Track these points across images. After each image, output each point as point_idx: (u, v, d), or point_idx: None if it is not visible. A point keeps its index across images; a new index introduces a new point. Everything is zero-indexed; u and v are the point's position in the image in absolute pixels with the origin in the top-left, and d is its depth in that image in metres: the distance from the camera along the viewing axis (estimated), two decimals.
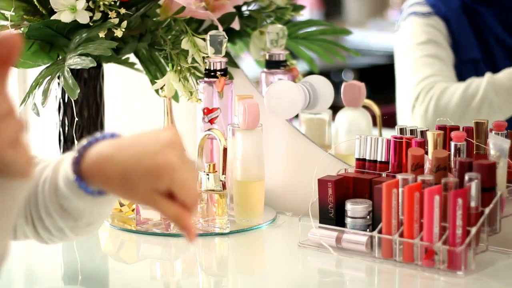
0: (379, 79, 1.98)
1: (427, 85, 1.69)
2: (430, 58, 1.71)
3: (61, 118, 1.75)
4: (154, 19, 1.72)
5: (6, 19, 1.65)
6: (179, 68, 1.68)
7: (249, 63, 1.96)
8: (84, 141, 1.02)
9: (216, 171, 1.63)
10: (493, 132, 1.46)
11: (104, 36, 1.60)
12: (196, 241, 0.97)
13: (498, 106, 1.64)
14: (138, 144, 0.95)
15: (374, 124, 1.80)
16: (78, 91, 1.57)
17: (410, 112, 1.72)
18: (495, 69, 1.68)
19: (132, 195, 0.94)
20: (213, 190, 1.62)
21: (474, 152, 1.48)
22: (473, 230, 1.35)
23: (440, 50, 1.71)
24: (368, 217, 1.47)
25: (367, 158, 1.53)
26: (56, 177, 1.03)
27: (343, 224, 1.50)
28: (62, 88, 1.71)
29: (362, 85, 1.80)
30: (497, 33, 1.70)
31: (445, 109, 1.66)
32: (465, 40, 1.72)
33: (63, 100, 1.74)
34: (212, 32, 1.68)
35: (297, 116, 1.84)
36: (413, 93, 1.71)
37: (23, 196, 0.89)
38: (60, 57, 1.67)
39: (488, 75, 1.65)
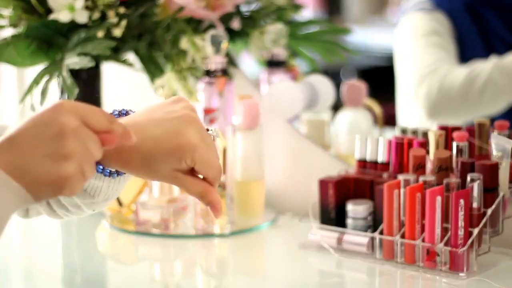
0: (380, 79, 1.97)
1: (433, 68, 1.68)
2: (435, 48, 1.70)
3: None
4: (154, 19, 1.71)
5: (4, 18, 1.64)
6: (179, 68, 1.67)
7: (249, 63, 1.95)
8: None
9: None
10: (495, 132, 1.45)
11: (103, 36, 1.59)
12: (222, 215, 0.96)
13: (502, 87, 1.63)
14: (156, 124, 0.93)
15: (375, 124, 1.80)
16: (77, 90, 1.56)
17: (413, 93, 1.70)
18: None
19: (153, 176, 0.94)
20: None
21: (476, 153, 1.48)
22: (475, 231, 1.35)
23: (444, 41, 1.71)
24: (369, 218, 1.47)
25: (368, 158, 1.52)
26: None
27: (343, 225, 1.49)
28: (61, 88, 1.70)
29: (362, 85, 1.80)
30: (500, 34, 1.70)
31: (449, 90, 1.65)
32: (469, 39, 1.71)
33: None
34: (212, 32, 1.67)
35: (297, 116, 1.83)
36: (418, 75, 1.69)
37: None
38: (59, 57, 1.66)
39: (495, 58, 1.64)
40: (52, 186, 0.83)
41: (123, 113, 0.97)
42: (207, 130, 0.95)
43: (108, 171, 0.97)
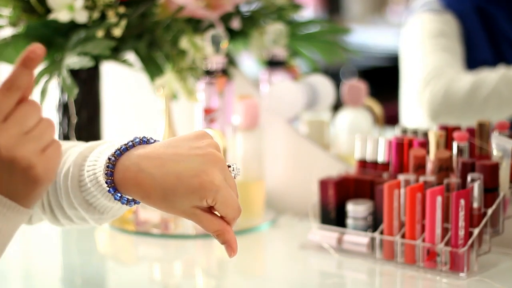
0: (381, 79, 1.97)
1: (438, 71, 1.68)
2: (441, 51, 1.70)
3: (60, 118, 1.74)
4: (153, 19, 1.70)
5: (4, 18, 1.63)
6: (179, 68, 1.67)
7: (249, 63, 1.95)
8: (112, 147, 0.98)
9: None
10: (496, 132, 1.45)
11: (102, 36, 1.59)
12: (235, 254, 0.96)
13: (506, 98, 1.63)
14: (179, 160, 0.93)
15: (376, 124, 1.80)
16: (77, 90, 1.56)
17: (417, 95, 1.70)
18: None
19: (171, 210, 0.93)
20: None
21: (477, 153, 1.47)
22: (476, 231, 1.34)
23: (451, 44, 1.70)
24: (369, 218, 1.47)
25: (368, 158, 1.52)
26: (81, 175, 1.00)
27: (343, 225, 1.49)
28: (61, 88, 1.70)
29: (362, 85, 1.80)
30: (509, 35, 1.69)
31: (454, 96, 1.65)
32: (477, 40, 1.71)
33: (62, 100, 1.73)
34: (212, 32, 1.67)
35: (297, 116, 1.83)
36: (423, 77, 1.69)
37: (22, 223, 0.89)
38: (58, 57, 1.66)
39: (503, 68, 1.64)
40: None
41: (144, 141, 0.97)
42: (228, 166, 0.95)
43: (126, 199, 0.96)
